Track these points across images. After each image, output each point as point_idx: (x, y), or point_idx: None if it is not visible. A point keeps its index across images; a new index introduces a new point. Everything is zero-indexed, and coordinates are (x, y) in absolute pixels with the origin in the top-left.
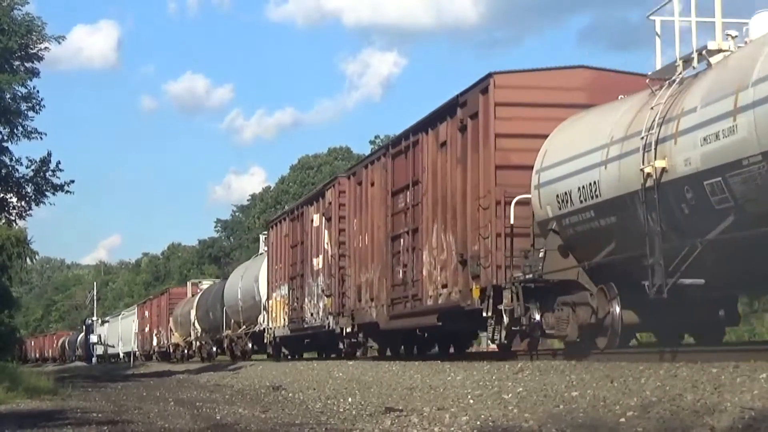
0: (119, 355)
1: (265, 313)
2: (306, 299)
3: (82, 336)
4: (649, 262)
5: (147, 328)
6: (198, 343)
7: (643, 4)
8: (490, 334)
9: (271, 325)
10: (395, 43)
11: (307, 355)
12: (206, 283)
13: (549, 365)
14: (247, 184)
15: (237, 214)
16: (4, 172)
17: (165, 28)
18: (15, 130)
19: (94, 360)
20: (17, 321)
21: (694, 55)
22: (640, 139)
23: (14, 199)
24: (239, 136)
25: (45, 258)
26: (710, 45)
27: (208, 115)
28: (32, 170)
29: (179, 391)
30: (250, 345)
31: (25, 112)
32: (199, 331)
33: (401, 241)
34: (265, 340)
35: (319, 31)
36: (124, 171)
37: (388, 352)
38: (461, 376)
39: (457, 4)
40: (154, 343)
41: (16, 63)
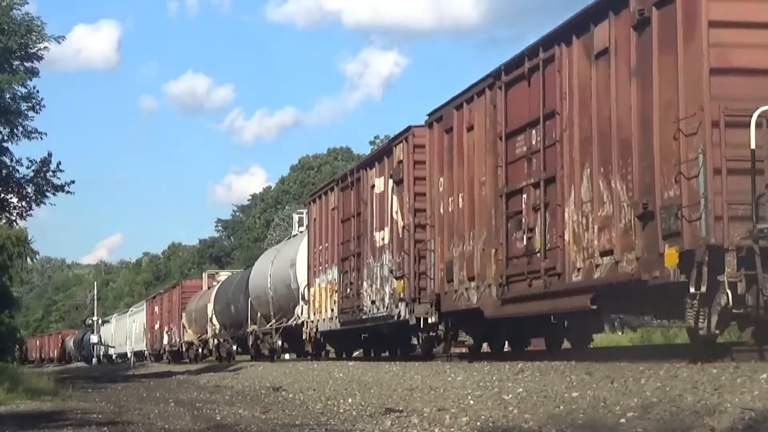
0: (127, 355)
1: (304, 303)
2: (365, 284)
3: (88, 335)
4: None
5: (157, 326)
6: (215, 341)
7: None
8: (693, 319)
9: (312, 318)
10: (396, 43)
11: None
12: (224, 274)
13: (549, 365)
14: (248, 184)
15: (237, 214)
16: (4, 172)
17: (165, 28)
18: (15, 130)
19: (94, 361)
20: (17, 321)
21: None
22: None
23: (15, 200)
24: (240, 136)
25: (45, 258)
26: None
27: (209, 115)
28: (33, 171)
29: (179, 391)
30: (280, 342)
31: (25, 112)
32: (217, 327)
33: (522, 199)
34: (303, 336)
35: (319, 31)
36: (125, 171)
37: (485, 347)
38: (461, 376)
39: (458, 4)
40: (165, 341)
41: (16, 63)
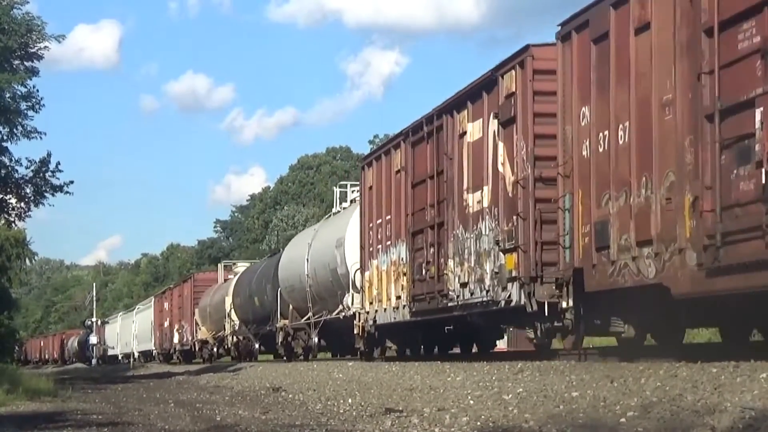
0: (133, 355)
1: (355, 291)
2: (450, 262)
3: (93, 336)
4: None
5: (167, 323)
6: (234, 339)
7: None
8: None
9: (367, 308)
10: (396, 43)
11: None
12: (242, 265)
13: (549, 365)
14: (248, 184)
15: (236, 215)
16: (3, 172)
17: (166, 27)
18: (15, 130)
19: (93, 362)
20: (17, 322)
21: None
22: None
23: (13, 200)
24: (240, 135)
25: (44, 259)
26: None
27: (209, 115)
28: (32, 171)
29: (179, 392)
30: (317, 339)
31: (25, 112)
32: (237, 323)
33: (755, 116)
34: (355, 330)
35: (320, 30)
36: (125, 171)
37: (649, 338)
38: (461, 376)
39: (458, 4)
40: (175, 340)
41: (16, 62)
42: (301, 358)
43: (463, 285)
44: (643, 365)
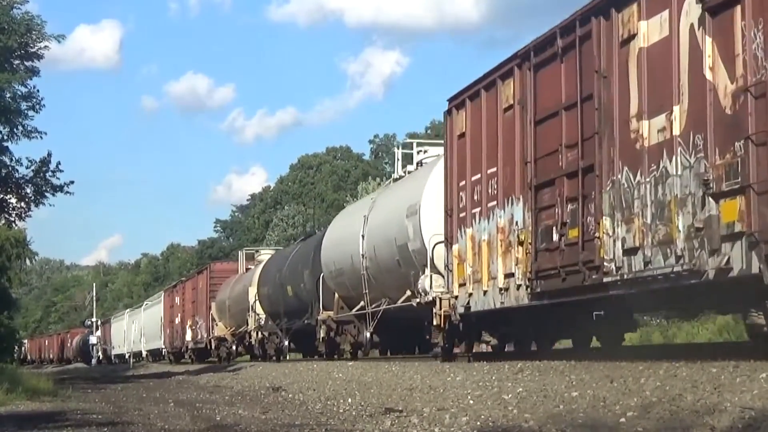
0: (142, 355)
1: (433, 272)
2: (606, 221)
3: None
4: None
5: (178, 319)
6: (259, 335)
7: None
8: None
9: (455, 291)
10: (397, 43)
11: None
12: (266, 253)
13: (549, 365)
14: (248, 184)
15: (236, 215)
16: (3, 172)
17: (167, 28)
18: (15, 130)
19: (93, 361)
20: (17, 322)
21: None
22: None
23: (14, 200)
24: (240, 135)
25: (44, 259)
26: None
27: (210, 115)
28: (32, 171)
29: (179, 392)
30: (368, 334)
31: (25, 112)
32: (262, 317)
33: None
34: (435, 321)
35: (320, 30)
36: (125, 171)
37: None
38: (461, 376)
39: (459, 4)
40: (188, 337)
41: (16, 62)
42: (348, 356)
43: (631, 251)
44: (643, 365)
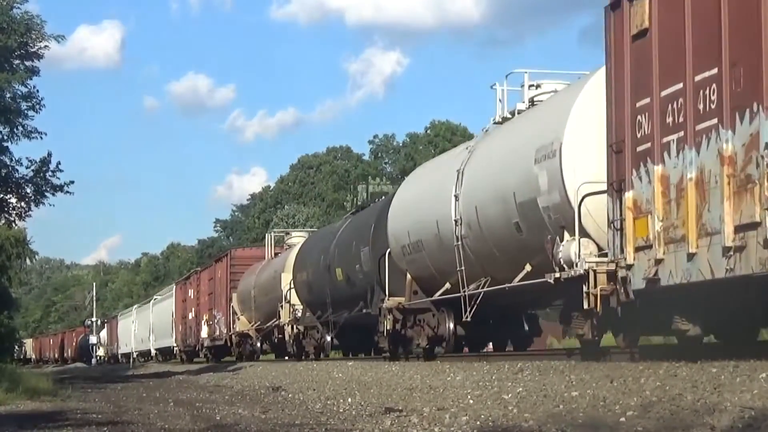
0: (150, 354)
1: (581, 235)
2: None
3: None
4: None
5: (191, 314)
6: (294, 330)
7: None
8: None
9: (629, 259)
10: (398, 43)
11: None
12: (298, 236)
13: (549, 365)
14: (249, 184)
15: (236, 214)
16: (4, 172)
17: (167, 28)
18: (15, 130)
19: (93, 361)
20: (16, 322)
21: None
22: None
23: (14, 200)
24: (241, 135)
25: (44, 258)
26: None
27: (210, 115)
28: (32, 171)
29: (179, 391)
30: (451, 325)
31: (25, 112)
32: (299, 309)
33: None
34: (585, 305)
35: (321, 30)
36: (126, 171)
37: None
38: (461, 376)
39: (459, 4)
40: (204, 334)
41: (16, 62)
42: (419, 355)
43: None
44: (643, 365)
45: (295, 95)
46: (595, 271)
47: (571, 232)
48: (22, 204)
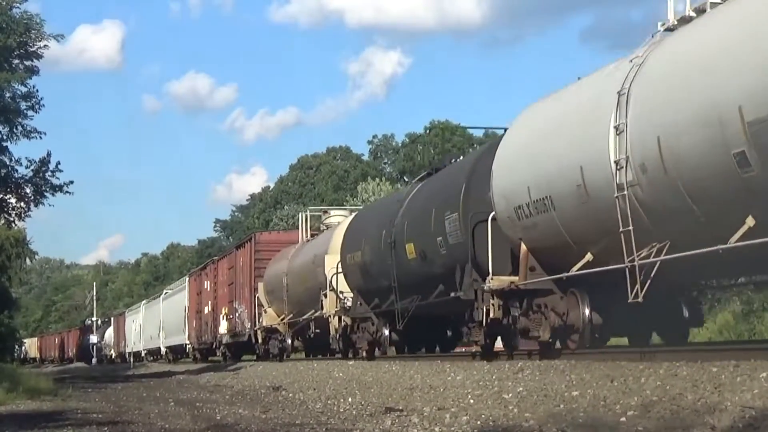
0: (160, 352)
1: None
2: None
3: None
4: None
5: (207, 309)
6: (341, 323)
7: (645, 4)
8: None
9: None
10: (398, 43)
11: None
12: (338, 215)
13: (549, 365)
14: (249, 184)
15: (236, 214)
16: (3, 172)
17: (168, 28)
18: (14, 130)
19: (94, 361)
20: (17, 322)
21: None
22: None
23: (13, 200)
24: (241, 135)
25: (44, 258)
26: None
27: (211, 115)
28: (32, 171)
29: (179, 391)
30: (587, 312)
31: (25, 111)
32: (347, 298)
33: None
34: None
35: (321, 30)
36: (126, 170)
37: None
38: (461, 375)
39: (460, 4)
40: (222, 329)
41: (15, 61)
42: (534, 353)
43: None
44: (643, 365)
45: (295, 95)
46: None
47: None
48: (22, 204)
